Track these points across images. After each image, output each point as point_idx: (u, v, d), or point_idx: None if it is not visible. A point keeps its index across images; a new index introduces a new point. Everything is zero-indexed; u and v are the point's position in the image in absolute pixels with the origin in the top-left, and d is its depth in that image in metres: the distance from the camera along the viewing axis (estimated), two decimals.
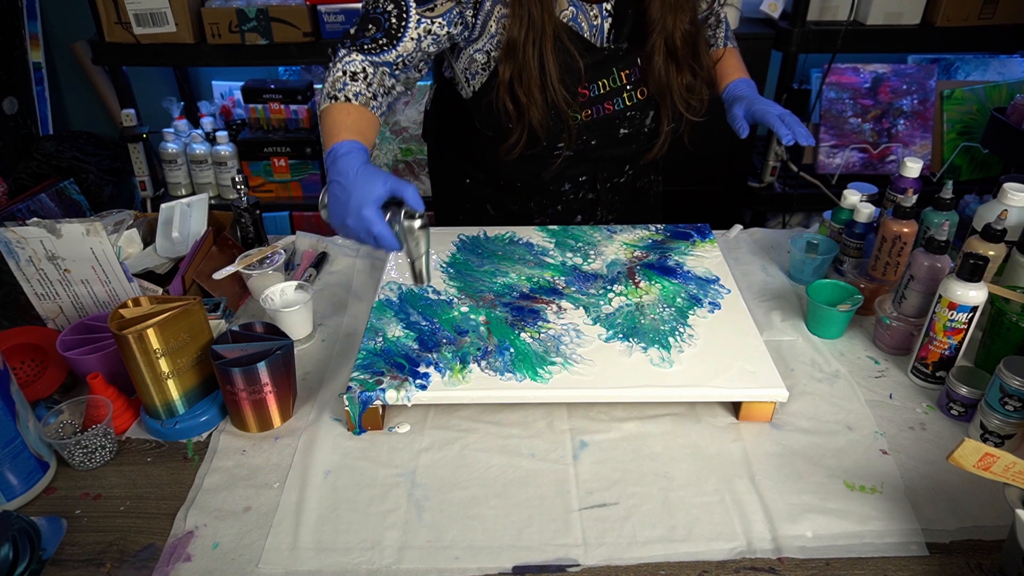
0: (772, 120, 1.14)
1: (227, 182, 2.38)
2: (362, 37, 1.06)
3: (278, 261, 1.22)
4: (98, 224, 1.02)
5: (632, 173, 1.36)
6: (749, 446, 0.93)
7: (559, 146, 1.18)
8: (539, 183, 1.30)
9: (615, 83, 1.16)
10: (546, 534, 0.82)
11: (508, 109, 1.11)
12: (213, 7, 2.13)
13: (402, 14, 1.05)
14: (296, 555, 0.80)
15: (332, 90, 1.04)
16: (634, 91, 1.18)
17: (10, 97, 2.41)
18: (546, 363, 0.98)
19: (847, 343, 1.13)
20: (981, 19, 2.16)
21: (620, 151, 1.25)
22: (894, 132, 2.37)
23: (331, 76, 1.06)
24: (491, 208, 1.38)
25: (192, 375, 0.95)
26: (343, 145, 0.96)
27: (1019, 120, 1.78)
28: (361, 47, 1.06)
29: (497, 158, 1.19)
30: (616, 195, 1.37)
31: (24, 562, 0.76)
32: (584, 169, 1.28)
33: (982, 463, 0.75)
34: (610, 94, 1.16)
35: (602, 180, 1.32)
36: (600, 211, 1.38)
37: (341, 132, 0.99)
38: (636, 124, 1.21)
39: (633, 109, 1.19)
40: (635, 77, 1.17)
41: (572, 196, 1.33)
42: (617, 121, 1.20)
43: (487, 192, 1.36)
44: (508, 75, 1.08)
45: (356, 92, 1.04)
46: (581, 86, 1.13)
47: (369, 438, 0.95)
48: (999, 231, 1.04)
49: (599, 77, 1.15)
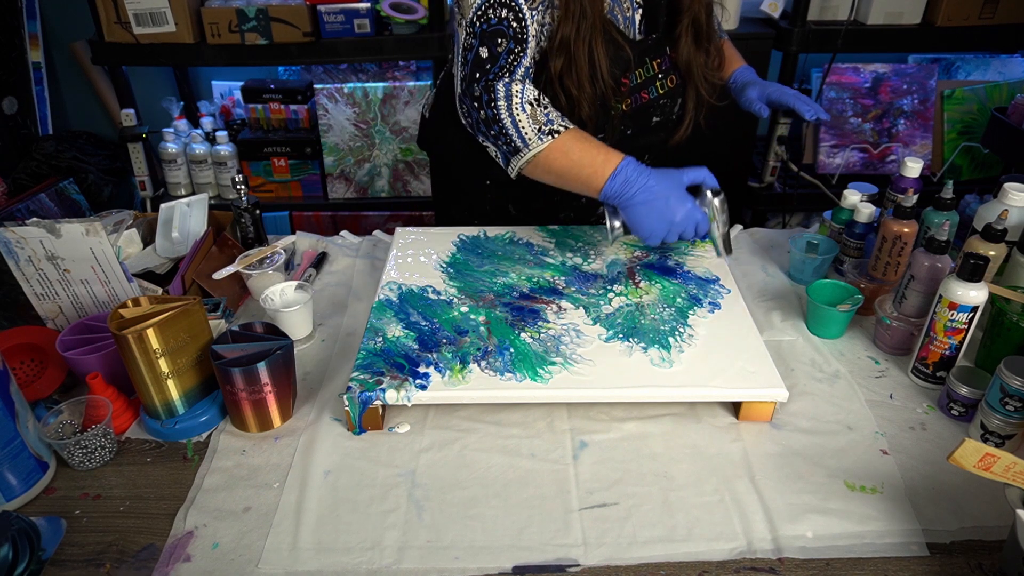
0: (791, 100, 1.19)
1: (227, 182, 2.38)
2: (500, 58, 1.04)
3: (278, 261, 1.22)
4: (98, 224, 1.02)
5: (649, 162, 1.36)
6: (749, 446, 0.93)
7: (600, 136, 1.18)
8: None
9: (648, 72, 1.18)
10: (546, 534, 0.82)
11: (560, 102, 1.11)
12: (213, 7, 2.13)
13: (518, 15, 1.03)
14: (296, 555, 0.80)
15: (544, 126, 1.04)
16: (665, 79, 1.21)
17: (10, 97, 2.41)
18: (546, 363, 0.98)
19: (847, 343, 1.13)
20: (981, 19, 2.15)
21: (650, 139, 1.28)
22: (894, 132, 2.36)
23: (522, 114, 1.04)
24: (512, 208, 1.35)
25: (192, 375, 0.94)
26: (627, 163, 1.03)
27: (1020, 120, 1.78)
28: (510, 69, 1.04)
29: None
30: None
31: (24, 562, 0.76)
32: None
33: (982, 463, 0.75)
34: (645, 83, 1.19)
35: None
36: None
37: (606, 153, 1.03)
38: (667, 112, 1.25)
39: (665, 97, 1.22)
40: (665, 66, 1.20)
41: None
42: (651, 110, 1.22)
43: (508, 191, 1.32)
44: (559, 68, 1.08)
45: (559, 115, 1.06)
46: (625, 76, 1.15)
47: (369, 438, 0.95)
48: (999, 231, 1.04)
49: (637, 67, 1.17)
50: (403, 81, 2.34)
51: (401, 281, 1.16)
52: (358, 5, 2.10)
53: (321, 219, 2.46)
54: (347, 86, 2.30)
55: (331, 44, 2.15)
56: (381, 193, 2.46)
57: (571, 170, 1.04)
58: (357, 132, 2.36)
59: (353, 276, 1.31)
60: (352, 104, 2.31)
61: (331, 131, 2.35)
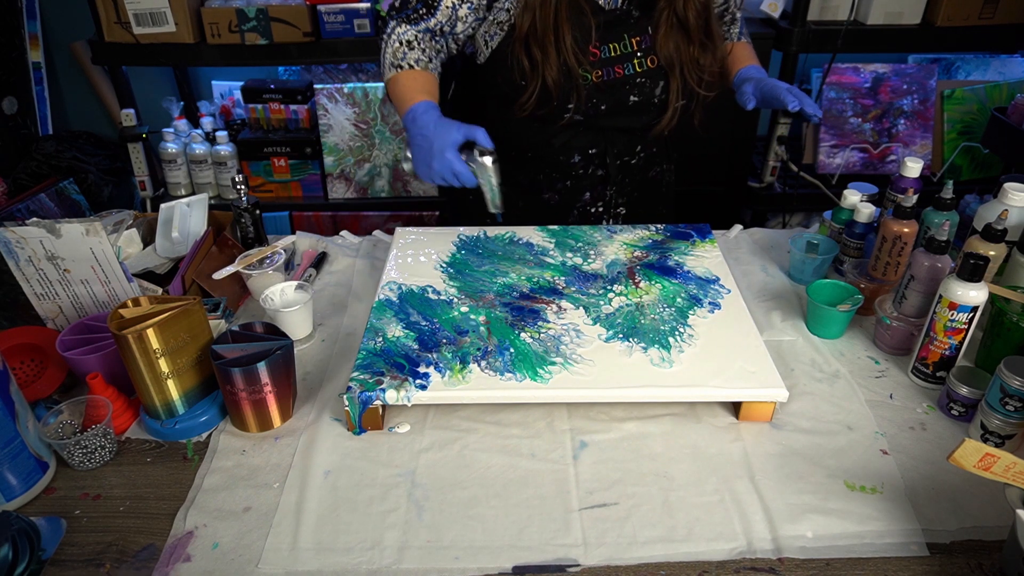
0: (780, 92, 1.17)
1: (227, 182, 2.38)
2: (406, 8, 1.20)
3: (278, 261, 1.22)
4: (98, 224, 1.02)
5: (644, 156, 1.36)
6: (749, 446, 0.93)
7: (569, 107, 1.22)
8: (549, 151, 1.31)
9: (626, 48, 1.20)
10: (546, 534, 0.82)
11: (523, 65, 1.17)
12: (213, 7, 2.13)
13: None
14: (296, 555, 0.80)
15: (395, 60, 1.19)
16: (644, 58, 1.21)
17: (10, 97, 2.41)
18: (546, 363, 0.98)
19: (847, 343, 1.13)
20: (981, 19, 2.15)
21: (629, 121, 1.28)
22: (894, 132, 2.36)
23: (389, 48, 1.19)
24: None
25: (192, 375, 0.94)
26: (420, 105, 1.13)
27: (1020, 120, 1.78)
28: (407, 18, 1.19)
29: (509, 122, 1.26)
30: (627, 177, 1.38)
31: (24, 562, 0.76)
32: (593, 139, 1.30)
33: (982, 463, 0.75)
34: (621, 58, 1.20)
35: (612, 155, 1.33)
36: (611, 192, 1.38)
37: (415, 95, 1.14)
38: (646, 93, 1.24)
39: (643, 76, 1.22)
40: (645, 44, 1.21)
41: (582, 171, 1.34)
42: (627, 87, 1.23)
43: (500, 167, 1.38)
44: (525, 29, 1.14)
45: (416, 59, 1.18)
46: (592, 45, 1.18)
47: (369, 438, 0.95)
48: (999, 231, 1.04)
49: (610, 40, 1.19)
50: None
51: (401, 281, 1.16)
52: (358, 5, 2.10)
53: (321, 219, 2.46)
54: (347, 86, 2.30)
55: (331, 44, 2.15)
56: (381, 193, 2.46)
57: (396, 99, 1.19)
58: (357, 132, 2.36)
59: (353, 276, 1.31)
60: (352, 104, 2.31)
61: (331, 131, 2.35)
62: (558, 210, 1.39)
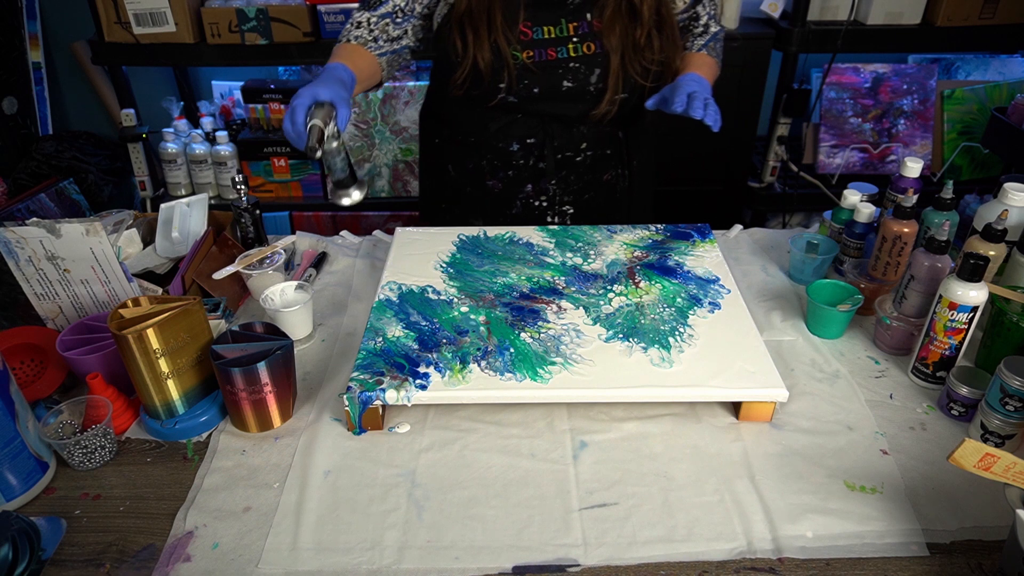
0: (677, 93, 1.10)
1: (227, 182, 2.38)
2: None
3: (278, 261, 1.22)
4: (98, 224, 1.02)
5: (592, 156, 1.35)
6: (749, 446, 0.93)
7: (501, 86, 1.23)
8: (487, 136, 1.33)
9: (562, 32, 1.21)
10: (546, 534, 0.82)
11: (457, 44, 1.20)
12: (213, 7, 2.13)
13: None
14: (296, 555, 0.80)
15: (339, 38, 1.25)
16: (580, 44, 1.21)
17: (10, 97, 2.41)
18: (546, 363, 0.98)
19: (847, 343, 1.13)
20: (981, 19, 2.15)
21: (565, 108, 1.28)
22: (894, 132, 2.37)
23: (348, 27, 1.25)
24: (451, 168, 1.41)
25: (192, 375, 0.94)
26: (328, 64, 1.16)
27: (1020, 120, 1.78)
28: (368, 4, 1.25)
29: (450, 103, 1.30)
30: (572, 174, 1.37)
31: (24, 562, 0.76)
32: (532, 128, 1.30)
33: (982, 463, 0.75)
34: (555, 41, 1.21)
35: (551, 148, 1.32)
36: (554, 188, 1.37)
37: (332, 59, 1.19)
38: (580, 79, 1.23)
39: (577, 61, 1.22)
40: (583, 31, 1.21)
41: (522, 161, 1.34)
42: (560, 71, 1.22)
43: (448, 150, 1.41)
44: (462, 8, 1.18)
45: (357, 36, 1.24)
46: (523, 23, 1.19)
47: (369, 438, 0.95)
48: (999, 231, 1.04)
49: (545, 22, 1.20)
50: (403, 81, 2.34)
51: (401, 281, 1.16)
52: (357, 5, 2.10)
53: (321, 219, 2.46)
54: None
55: (331, 44, 2.13)
56: (381, 193, 2.46)
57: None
58: (357, 132, 2.36)
59: (353, 276, 1.31)
60: (352, 104, 2.31)
61: None
62: (502, 199, 1.39)
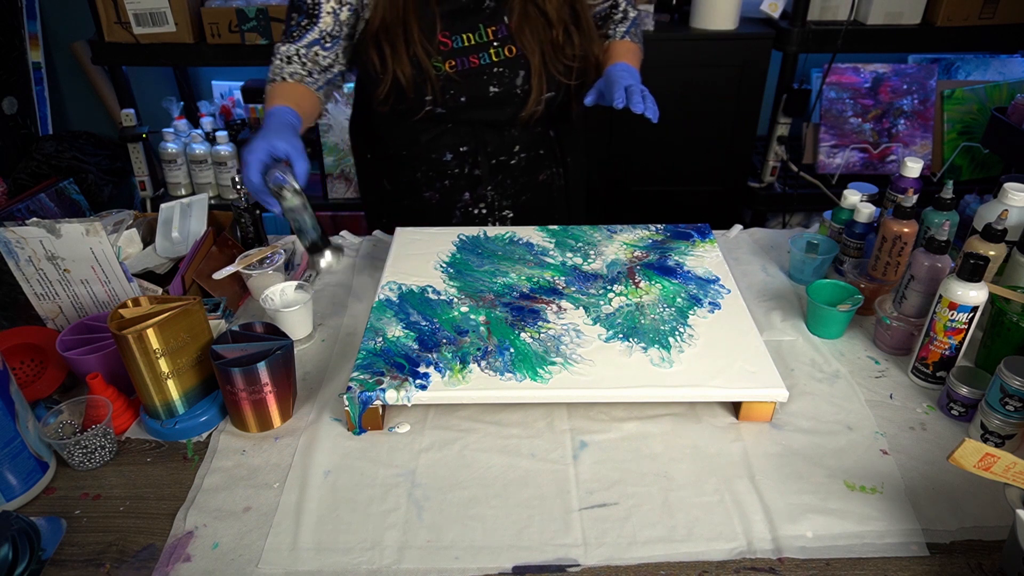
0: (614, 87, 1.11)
1: (227, 182, 2.38)
2: (290, 27, 1.20)
3: (278, 261, 1.22)
4: (98, 224, 1.02)
5: (526, 157, 1.35)
6: (749, 446, 0.93)
7: (427, 99, 1.22)
8: (419, 149, 1.32)
9: (481, 38, 1.19)
10: (546, 534, 0.82)
11: (374, 60, 1.19)
12: (213, 7, 2.13)
13: None
14: (296, 555, 0.80)
15: (272, 76, 1.20)
16: (501, 48, 1.21)
17: (10, 97, 2.41)
18: (546, 363, 0.98)
19: (847, 343, 1.13)
20: (981, 19, 2.15)
21: (494, 114, 1.27)
22: (894, 132, 2.37)
23: (271, 67, 1.20)
24: (387, 183, 1.41)
25: (192, 375, 0.94)
26: (273, 108, 1.12)
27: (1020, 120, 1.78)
28: (290, 36, 1.20)
29: (378, 119, 1.28)
30: (508, 178, 1.37)
31: (24, 562, 0.76)
32: (463, 137, 1.30)
33: (982, 463, 0.75)
34: (475, 48, 1.20)
35: (484, 154, 1.32)
36: (491, 193, 1.37)
37: (275, 101, 1.14)
38: (506, 83, 1.23)
39: (501, 66, 1.22)
40: (502, 34, 1.20)
41: (457, 170, 1.35)
42: (485, 77, 1.22)
43: (381, 165, 1.40)
44: (376, 24, 1.16)
45: (291, 72, 1.19)
46: (441, 34, 1.18)
47: (369, 438, 0.95)
48: (999, 231, 1.04)
49: (463, 29, 1.19)
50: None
51: (401, 281, 1.16)
52: None
53: (321, 219, 2.46)
54: (347, 86, 2.29)
55: None
56: None
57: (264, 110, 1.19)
58: None
59: (353, 276, 1.31)
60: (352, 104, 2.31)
61: (331, 131, 2.35)
62: (440, 210, 1.40)
